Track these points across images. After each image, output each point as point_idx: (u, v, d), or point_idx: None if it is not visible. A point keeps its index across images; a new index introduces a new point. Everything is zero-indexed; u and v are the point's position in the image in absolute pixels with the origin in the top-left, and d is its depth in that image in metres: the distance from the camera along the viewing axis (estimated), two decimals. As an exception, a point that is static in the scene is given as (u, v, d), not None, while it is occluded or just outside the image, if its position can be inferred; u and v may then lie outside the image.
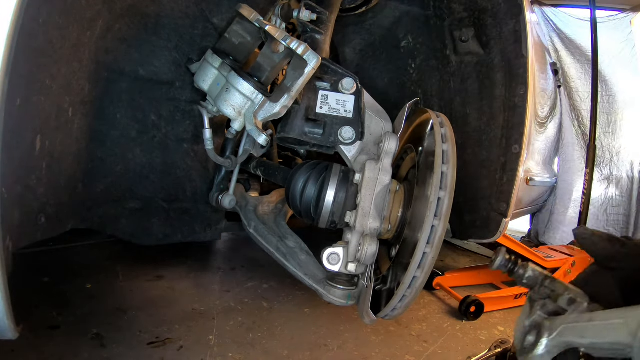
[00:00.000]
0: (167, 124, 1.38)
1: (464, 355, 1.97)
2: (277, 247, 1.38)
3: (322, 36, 1.34)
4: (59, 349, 1.61)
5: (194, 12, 1.29)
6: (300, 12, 1.31)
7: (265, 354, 1.78)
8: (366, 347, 1.93)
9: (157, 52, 1.28)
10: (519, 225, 4.41)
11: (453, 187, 0.96)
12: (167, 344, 1.74)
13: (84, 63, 1.05)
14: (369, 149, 1.24)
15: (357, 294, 1.20)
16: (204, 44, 1.33)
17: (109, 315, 1.88)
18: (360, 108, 1.25)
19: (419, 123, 1.21)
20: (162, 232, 1.49)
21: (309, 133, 1.25)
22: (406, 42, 1.84)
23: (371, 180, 1.08)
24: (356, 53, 1.95)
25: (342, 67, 1.27)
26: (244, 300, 2.23)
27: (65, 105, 1.02)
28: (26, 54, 0.75)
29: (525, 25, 1.44)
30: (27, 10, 0.64)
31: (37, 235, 1.01)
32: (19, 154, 0.83)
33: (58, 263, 2.34)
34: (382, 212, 1.09)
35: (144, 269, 2.42)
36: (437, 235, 0.92)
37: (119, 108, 1.27)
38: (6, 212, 0.77)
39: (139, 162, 1.36)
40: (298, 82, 1.17)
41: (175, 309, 2.03)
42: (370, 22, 1.87)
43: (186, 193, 1.50)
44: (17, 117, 0.76)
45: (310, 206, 1.21)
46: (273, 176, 1.51)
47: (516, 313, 2.78)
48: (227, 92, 1.22)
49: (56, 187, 1.06)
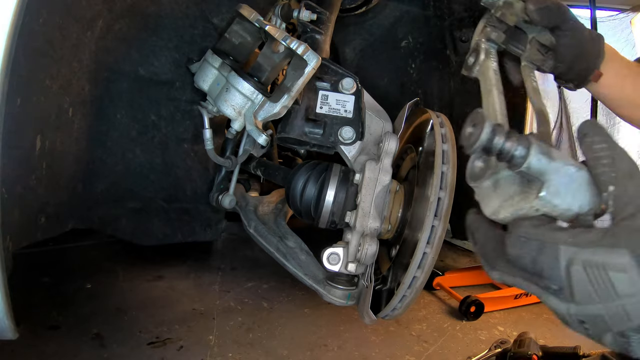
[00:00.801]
0: (167, 124, 1.38)
1: (464, 355, 1.97)
2: (277, 247, 1.38)
3: (322, 36, 1.34)
4: (59, 349, 1.61)
5: (194, 12, 1.29)
6: (300, 12, 1.31)
7: (265, 354, 1.78)
8: (366, 347, 1.93)
9: (157, 52, 1.28)
10: (519, 225, 4.40)
11: (453, 187, 0.96)
12: (167, 344, 1.74)
13: (84, 63, 1.05)
14: (369, 149, 1.24)
15: (357, 294, 1.20)
16: (204, 44, 1.33)
17: (109, 315, 1.88)
18: (360, 108, 1.25)
19: (419, 123, 1.21)
20: (162, 232, 1.49)
21: (309, 133, 1.25)
22: (406, 42, 1.85)
23: (371, 180, 1.08)
24: (356, 53, 1.95)
25: (342, 67, 1.27)
26: (244, 300, 2.23)
27: (65, 105, 1.02)
28: (26, 54, 0.75)
29: (525, 25, 1.44)
30: (27, 10, 0.64)
31: (37, 235, 1.01)
32: (19, 154, 0.83)
33: (58, 263, 2.34)
34: (382, 212, 1.09)
35: (144, 269, 2.42)
36: (437, 235, 0.92)
37: (119, 108, 1.27)
38: (6, 212, 0.77)
39: (139, 162, 1.36)
40: (298, 82, 1.17)
41: (175, 309, 2.03)
42: (370, 22, 1.87)
43: (186, 193, 1.50)
44: (17, 117, 0.76)
45: (310, 206, 1.21)
46: (273, 176, 1.51)
47: (516, 313, 2.78)
48: (227, 92, 1.22)
49: (56, 187, 1.06)
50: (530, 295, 2.98)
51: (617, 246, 0.43)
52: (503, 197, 0.55)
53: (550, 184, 0.49)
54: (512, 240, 0.51)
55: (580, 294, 0.45)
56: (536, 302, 2.98)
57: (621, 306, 0.43)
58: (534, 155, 0.49)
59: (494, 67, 0.88)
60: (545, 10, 0.87)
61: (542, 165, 0.49)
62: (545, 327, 2.69)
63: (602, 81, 0.97)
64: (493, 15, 0.91)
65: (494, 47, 0.91)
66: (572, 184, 0.50)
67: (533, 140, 0.50)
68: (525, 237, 0.49)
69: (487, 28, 0.92)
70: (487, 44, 0.91)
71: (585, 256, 0.44)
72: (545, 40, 0.91)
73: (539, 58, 0.92)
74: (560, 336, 2.59)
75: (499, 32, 0.91)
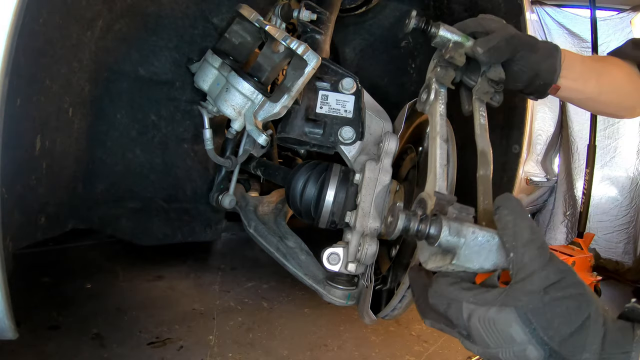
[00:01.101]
0: (167, 124, 1.38)
1: (464, 355, 1.97)
2: (277, 247, 1.38)
3: (322, 36, 1.34)
4: (59, 349, 1.61)
5: (194, 12, 1.29)
6: (300, 12, 1.31)
7: (265, 354, 1.78)
8: (366, 347, 1.93)
9: (157, 52, 1.28)
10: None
11: (453, 187, 0.96)
12: (167, 344, 1.74)
13: (84, 63, 1.05)
14: (369, 149, 1.24)
15: (357, 294, 1.20)
16: (204, 44, 1.33)
17: (109, 315, 1.88)
18: (360, 108, 1.25)
19: (419, 123, 1.21)
20: (162, 232, 1.49)
21: (309, 133, 1.25)
22: (406, 42, 1.84)
23: (371, 180, 1.08)
24: (356, 53, 1.95)
25: (342, 67, 1.27)
26: (244, 300, 2.23)
27: (65, 105, 1.02)
28: (26, 54, 0.75)
29: (526, 25, 1.44)
30: (27, 10, 0.64)
31: (37, 235, 1.01)
32: (19, 154, 0.83)
33: (58, 263, 2.34)
34: (382, 212, 1.09)
35: (144, 269, 2.41)
36: (437, 235, 0.92)
37: (119, 108, 1.27)
38: (6, 212, 0.77)
39: (139, 162, 1.36)
40: (298, 82, 1.17)
41: (175, 309, 2.03)
42: (370, 22, 1.87)
43: (186, 193, 1.50)
44: (17, 117, 0.76)
45: (310, 206, 1.21)
46: (273, 176, 1.51)
47: (516, 313, 2.79)
48: (227, 92, 1.22)
49: (56, 187, 1.06)
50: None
51: (507, 305, 0.54)
52: (430, 252, 0.66)
53: (461, 255, 0.61)
54: (431, 293, 0.62)
55: (479, 340, 0.57)
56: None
57: (511, 350, 0.54)
58: (443, 236, 0.60)
59: (441, 111, 0.91)
60: (492, 51, 0.90)
61: (452, 242, 0.60)
62: (545, 327, 2.69)
63: (563, 88, 1.02)
64: (443, 56, 0.93)
65: (444, 88, 0.94)
66: (483, 251, 0.61)
67: (444, 223, 0.61)
68: (439, 292, 0.61)
69: (438, 68, 0.94)
70: (436, 85, 0.94)
71: (480, 313, 0.56)
72: (494, 76, 0.93)
73: (489, 92, 0.95)
74: (560, 336, 2.59)
75: (449, 73, 0.93)
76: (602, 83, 1.07)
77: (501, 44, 0.90)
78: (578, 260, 3.22)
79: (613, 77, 1.09)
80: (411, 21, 0.96)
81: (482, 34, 0.94)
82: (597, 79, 1.06)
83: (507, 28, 0.95)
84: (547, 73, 0.98)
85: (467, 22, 0.98)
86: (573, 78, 1.02)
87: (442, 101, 0.92)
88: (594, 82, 1.05)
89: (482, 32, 0.95)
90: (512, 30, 0.94)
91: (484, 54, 0.90)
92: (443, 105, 0.92)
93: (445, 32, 0.93)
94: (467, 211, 0.66)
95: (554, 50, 0.99)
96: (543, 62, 0.97)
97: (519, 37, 0.94)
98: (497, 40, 0.90)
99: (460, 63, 0.91)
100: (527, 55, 0.95)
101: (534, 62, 0.97)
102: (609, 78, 1.08)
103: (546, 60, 0.98)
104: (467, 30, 0.96)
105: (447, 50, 0.91)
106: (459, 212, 0.65)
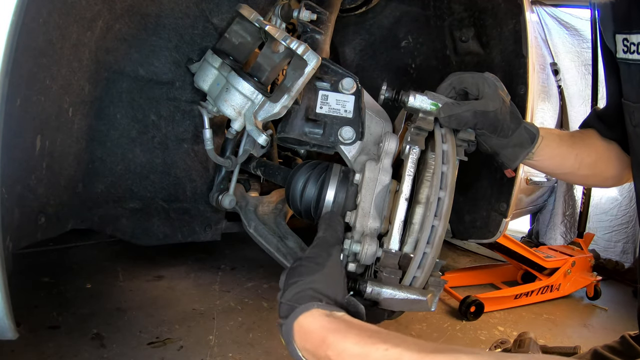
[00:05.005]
0: (167, 124, 1.38)
1: (464, 355, 1.97)
2: (277, 247, 1.38)
3: (322, 36, 1.34)
4: (59, 349, 1.61)
5: (194, 12, 1.29)
6: (300, 12, 1.31)
7: (265, 354, 1.78)
8: (366, 347, 1.93)
9: (157, 52, 1.28)
10: (519, 225, 4.41)
11: (453, 187, 0.96)
12: (167, 344, 1.74)
13: (84, 63, 1.05)
14: (369, 149, 1.24)
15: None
16: (204, 44, 1.33)
17: (109, 315, 1.88)
18: (360, 108, 1.25)
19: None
20: (162, 232, 1.49)
21: (309, 133, 1.25)
22: (406, 42, 1.84)
23: (371, 180, 1.08)
24: (356, 53, 1.95)
25: (342, 67, 1.27)
26: (244, 300, 2.23)
27: (65, 105, 1.02)
28: (26, 54, 0.75)
29: (526, 25, 1.44)
30: (27, 10, 0.64)
31: (37, 235, 1.01)
32: (19, 154, 0.83)
33: (58, 263, 2.34)
34: (382, 212, 1.09)
35: (144, 269, 2.42)
36: (437, 235, 0.92)
37: (119, 108, 1.27)
38: (6, 212, 0.77)
39: (139, 162, 1.36)
40: (298, 82, 1.17)
41: (175, 309, 2.03)
42: (370, 22, 1.87)
43: (186, 193, 1.50)
44: (17, 117, 0.76)
45: (310, 206, 1.21)
46: (273, 176, 1.51)
47: (516, 313, 2.78)
48: (227, 92, 1.22)
49: (56, 187, 1.06)
50: (530, 295, 2.99)
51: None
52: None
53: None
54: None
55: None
56: (536, 302, 2.99)
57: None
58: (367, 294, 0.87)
59: (408, 172, 0.96)
60: (453, 118, 0.95)
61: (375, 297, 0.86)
62: (545, 327, 2.69)
63: (541, 165, 1.08)
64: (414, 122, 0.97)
65: (416, 150, 0.97)
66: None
67: (369, 285, 0.87)
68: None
69: (412, 130, 0.98)
70: (410, 144, 0.98)
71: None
72: (464, 137, 0.99)
73: (461, 145, 1.01)
74: (560, 336, 2.59)
75: (421, 136, 0.97)
76: (581, 157, 1.10)
77: (466, 114, 0.94)
78: (578, 260, 3.22)
79: (590, 150, 1.12)
80: (381, 96, 1.05)
81: (472, 95, 0.99)
82: (575, 155, 1.10)
83: (496, 98, 0.96)
84: (506, 158, 1.03)
85: (465, 77, 0.99)
86: (550, 156, 1.06)
87: (413, 161, 0.96)
88: (573, 158, 1.09)
89: (474, 93, 0.98)
90: (497, 104, 0.95)
91: (443, 119, 0.95)
92: (413, 167, 0.96)
93: (414, 101, 0.98)
94: (395, 274, 0.88)
95: (526, 142, 1.01)
96: (507, 147, 1.01)
97: (494, 114, 0.95)
98: (464, 109, 0.94)
99: (430, 128, 0.97)
100: (489, 135, 0.99)
101: (495, 144, 1.01)
102: (587, 151, 1.11)
103: (512, 147, 1.01)
104: (463, 84, 0.99)
105: (417, 121, 0.97)
106: (389, 274, 0.88)
